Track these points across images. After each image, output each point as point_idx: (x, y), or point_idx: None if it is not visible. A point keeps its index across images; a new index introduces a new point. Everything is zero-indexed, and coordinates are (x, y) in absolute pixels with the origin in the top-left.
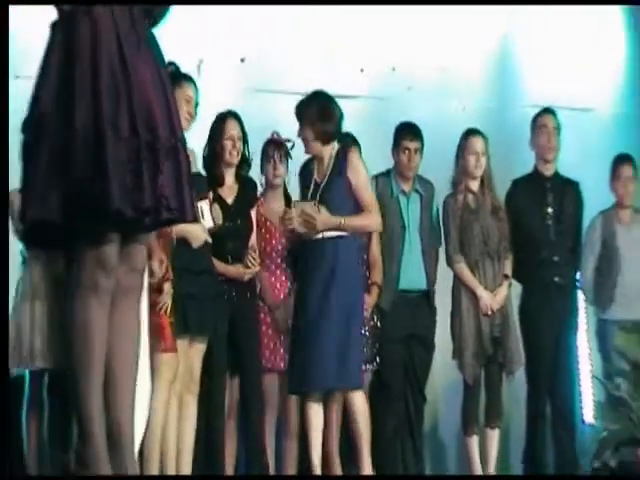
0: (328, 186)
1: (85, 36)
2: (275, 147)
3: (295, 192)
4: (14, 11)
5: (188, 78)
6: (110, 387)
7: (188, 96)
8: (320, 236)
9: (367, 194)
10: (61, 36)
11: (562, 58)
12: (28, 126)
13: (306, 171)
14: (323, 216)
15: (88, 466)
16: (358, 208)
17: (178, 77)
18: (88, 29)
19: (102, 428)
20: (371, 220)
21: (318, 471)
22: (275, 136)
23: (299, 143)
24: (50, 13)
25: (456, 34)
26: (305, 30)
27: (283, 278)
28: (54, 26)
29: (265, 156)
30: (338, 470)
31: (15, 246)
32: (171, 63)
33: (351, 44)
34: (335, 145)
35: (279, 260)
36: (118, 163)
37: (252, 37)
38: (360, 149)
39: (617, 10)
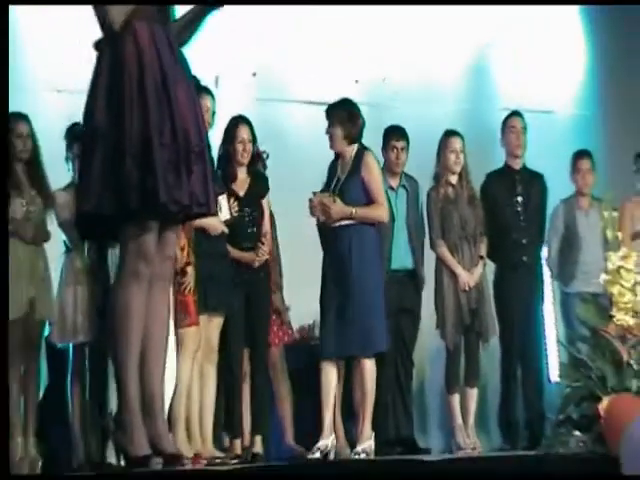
0: (346, 181)
1: (131, 54)
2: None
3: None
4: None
5: (207, 90)
6: (145, 363)
7: (206, 106)
8: (337, 224)
9: (377, 190)
10: (109, 55)
11: (528, 66)
12: (84, 135)
13: (332, 167)
14: (338, 206)
15: (125, 430)
16: (369, 201)
17: (198, 90)
18: (133, 47)
19: (137, 398)
20: (380, 212)
21: (328, 431)
22: (256, 148)
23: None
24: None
25: (437, 49)
26: (307, 48)
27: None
28: (99, 44)
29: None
30: (341, 429)
31: (58, 236)
32: (192, 77)
33: (347, 59)
34: (355, 147)
35: None
36: (163, 165)
37: (262, 54)
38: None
39: (577, 17)
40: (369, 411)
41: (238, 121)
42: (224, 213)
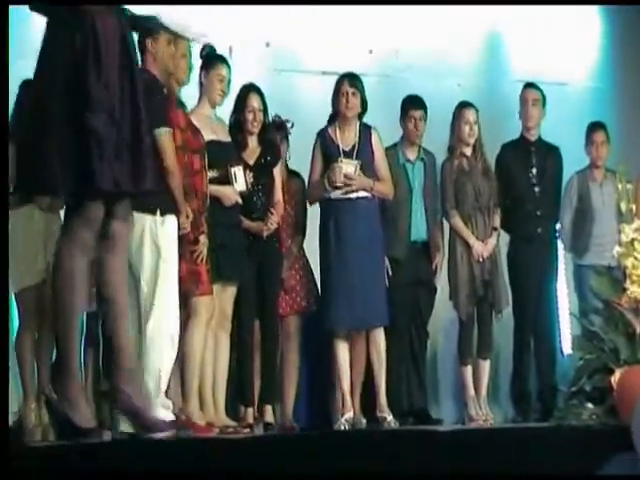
0: (359, 154)
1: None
2: (276, 128)
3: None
4: None
5: (222, 59)
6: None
7: (221, 75)
8: (354, 196)
9: (385, 167)
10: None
11: (542, 38)
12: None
13: (325, 137)
14: (362, 179)
15: (70, 400)
16: (376, 177)
17: (213, 58)
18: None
19: (78, 362)
20: (389, 188)
21: (348, 397)
22: (276, 118)
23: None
24: None
25: (451, 20)
26: (321, 18)
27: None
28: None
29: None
30: (357, 400)
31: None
32: (207, 45)
33: (361, 30)
34: (358, 122)
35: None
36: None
37: (275, 24)
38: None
39: None
40: (383, 382)
41: (249, 89)
42: (239, 184)
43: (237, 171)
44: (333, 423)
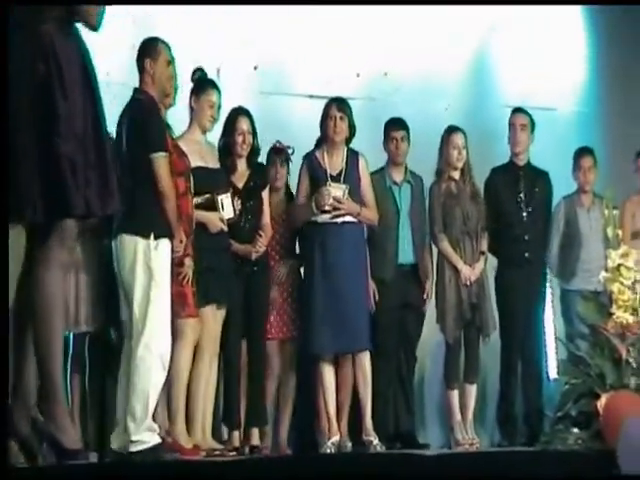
0: (346, 179)
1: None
2: (277, 153)
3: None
4: None
5: (213, 84)
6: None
7: (212, 101)
8: (340, 220)
9: (371, 194)
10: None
11: (530, 63)
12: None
13: (312, 161)
14: (350, 203)
15: (56, 421)
16: (362, 203)
17: (204, 83)
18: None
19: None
20: (375, 215)
21: (334, 421)
22: (277, 144)
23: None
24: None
25: (439, 44)
26: (308, 40)
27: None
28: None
29: (269, 161)
30: (345, 421)
31: None
32: (199, 69)
33: (349, 53)
34: (345, 147)
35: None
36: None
37: (263, 47)
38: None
39: (579, 16)
40: (369, 405)
41: (238, 113)
42: (227, 212)
43: (224, 199)
44: (319, 447)
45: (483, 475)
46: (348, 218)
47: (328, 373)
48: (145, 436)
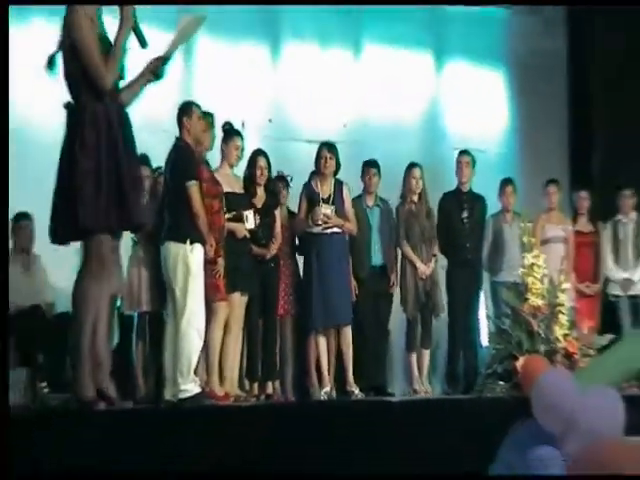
0: (334, 201)
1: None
2: (279, 180)
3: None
4: None
5: (238, 133)
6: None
7: (237, 145)
8: (329, 231)
9: (352, 212)
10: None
11: (470, 117)
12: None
13: (309, 188)
14: (336, 219)
15: (77, 380)
16: (345, 218)
17: (231, 132)
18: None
19: (88, 357)
20: (354, 227)
21: (326, 376)
22: (279, 173)
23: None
24: None
25: (404, 102)
26: (309, 102)
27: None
28: (68, 107)
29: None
30: (332, 379)
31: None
32: (227, 123)
33: (337, 110)
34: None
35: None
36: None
37: (275, 106)
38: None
39: (502, 79)
40: (350, 366)
41: (257, 153)
42: (250, 223)
43: (248, 214)
44: (312, 395)
45: (434, 415)
46: (335, 230)
47: (322, 341)
48: (189, 387)
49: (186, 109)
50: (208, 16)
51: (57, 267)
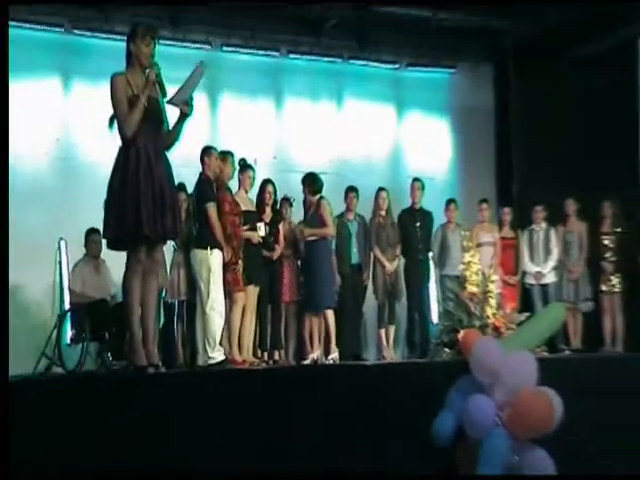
0: (311, 216)
1: (134, 158)
2: (285, 201)
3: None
4: None
5: (251, 167)
6: (144, 314)
7: (250, 176)
8: (312, 238)
9: (327, 219)
10: (123, 155)
11: (422, 151)
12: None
13: (305, 206)
14: (307, 230)
15: (132, 350)
16: (323, 224)
17: (246, 166)
18: (135, 153)
19: (139, 332)
20: (331, 231)
21: (317, 344)
22: (285, 196)
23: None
24: None
25: (374, 142)
26: (303, 143)
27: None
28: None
29: (281, 205)
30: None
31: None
32: (242, 159)
33: (325, 149)
34: (317, 196)
35: None
36: (149, 211)
37: (278, 147)
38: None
39: (447, 123)
40: (334, 339)
41: (266, 182)
42: (261, 232)
43: (261, 226)
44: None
45: (398, 375)
46: (314, 238)
47: (315, 320)
48: (216, 355)
49: (206, 151)
50: (229, 78)
51: (117, 268)
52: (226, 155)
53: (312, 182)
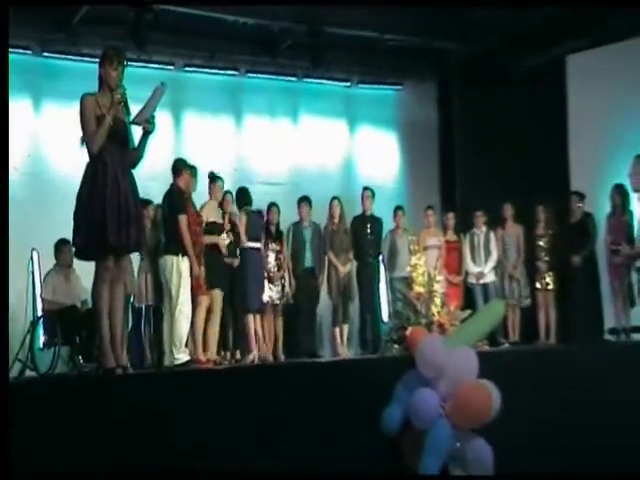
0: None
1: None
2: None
3: None
4: None
5: (220, 178)
6: (111, 317)
7: (221, 187)
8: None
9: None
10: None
11: (373, 163)
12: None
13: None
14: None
15: (101, 352)
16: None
17: (215, 178)
18: (102, 168)
19: (108, 335)
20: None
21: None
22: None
23: None
24: None
25: (328, 155)
26: (262, 156)
27: None
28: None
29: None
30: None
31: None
32: (211, 172)
33: (282, 161)
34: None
35: None
36: (114, 222)
37: (239, 160)
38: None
39: (395, 137)
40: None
41: (225, 192)
42: (226, 240)
43: (225, 234)
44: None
45: (352, 371)
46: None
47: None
48: (182, 356)
49: (176, 165)
50: (191, 96)
51: (88, 276)
52: (190, 169)
53: (242, 194)
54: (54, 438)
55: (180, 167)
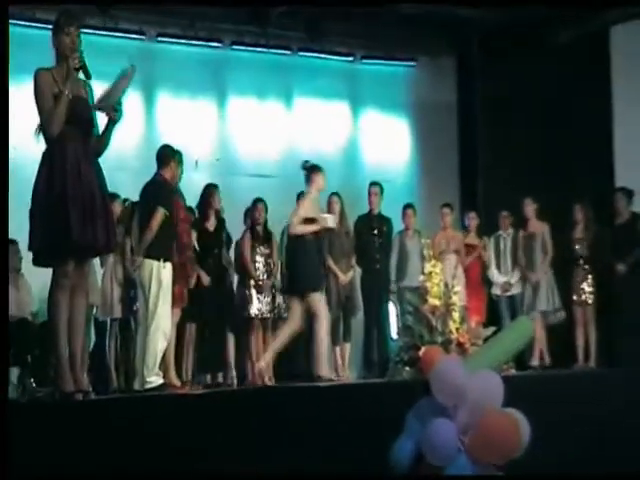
0: None
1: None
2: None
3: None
4: None
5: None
6: (71, 333)
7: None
8: None
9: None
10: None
11: (380, 155)
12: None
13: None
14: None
15: (58, 375)
16: None
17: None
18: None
19: (66, 355)
20: None
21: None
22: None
23: None
24: None
25: (330, 144)
26: (249, 145)
27: None
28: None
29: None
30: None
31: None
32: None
33: (272, 150)
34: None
35: None
36: (78, 220)
37: (222, 148)
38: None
39: (406, 121)
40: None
41: (210, 185)
42: None
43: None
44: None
45: (353, 396)
46: None
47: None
48: (154, 379)
49: (161, 151)
50: (165, 72)
51: (38, 282)
52: (176, 154)
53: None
54: None
55: (167, 155)
